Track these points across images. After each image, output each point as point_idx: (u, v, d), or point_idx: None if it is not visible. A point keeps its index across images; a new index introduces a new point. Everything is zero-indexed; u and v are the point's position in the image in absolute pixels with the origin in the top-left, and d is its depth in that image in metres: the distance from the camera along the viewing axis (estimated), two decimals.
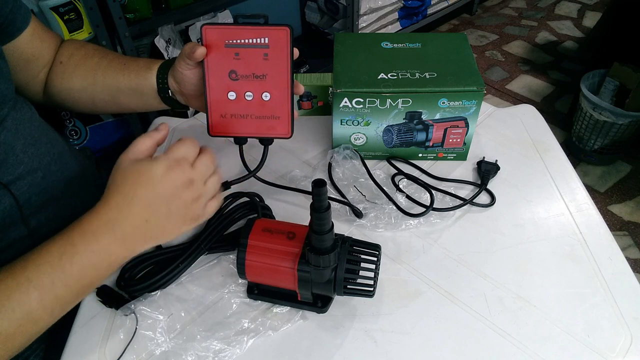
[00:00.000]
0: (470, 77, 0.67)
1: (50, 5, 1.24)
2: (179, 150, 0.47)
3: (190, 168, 0.48)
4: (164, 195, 0.46)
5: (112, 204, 0.45)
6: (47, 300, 0.42)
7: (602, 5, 2.84)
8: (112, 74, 0.62)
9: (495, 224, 0.65)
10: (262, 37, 0.51)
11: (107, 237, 0.44)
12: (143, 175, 0.45)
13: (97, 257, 0.44)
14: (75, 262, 0.43)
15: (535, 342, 0.52)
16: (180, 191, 0.47)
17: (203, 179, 0.49)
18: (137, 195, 0.45)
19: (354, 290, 0.52)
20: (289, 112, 0.54)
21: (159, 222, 0.47)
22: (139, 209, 0.45)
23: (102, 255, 0.45)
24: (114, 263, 0.46)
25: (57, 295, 0.43)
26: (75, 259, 0.43)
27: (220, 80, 0.53)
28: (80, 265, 0.43)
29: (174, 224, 0.48)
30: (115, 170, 0.46)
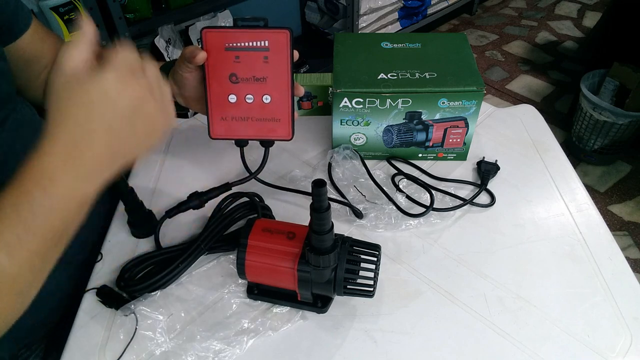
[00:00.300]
0: (470, 77, 0.67)
1: (50, 5, 1.24)
2: (125, 58, 0.40)
3: (144, 76, 0.41)
4: (124, 112, 0.40)
5: (65, 137, 0.38)
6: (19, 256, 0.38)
7: (602, 5, 2.84)
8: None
9: (495, 224, 0.65)
10: (262, 40, 0.51)
11: (67, 178, 0.38)
12: (94, 93, 0.38)
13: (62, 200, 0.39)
14: (36, 211, 0.37)
15: (535, 342, 0.52)
16: (141, 103, 0.41)
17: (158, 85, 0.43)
18: (93, 120, 0.38)
19: (354, 291, 0.52)
20: (289, 114, 0.54)
21: (124, 143, 0.41)
22: (99, 136, 0.39)
23: (67, 197, 0.39)
24: (84, 201, 0.40)
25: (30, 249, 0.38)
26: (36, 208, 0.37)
27: (220, 83, 0.53)
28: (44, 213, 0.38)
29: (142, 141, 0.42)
30: (55, 95, 0.38)
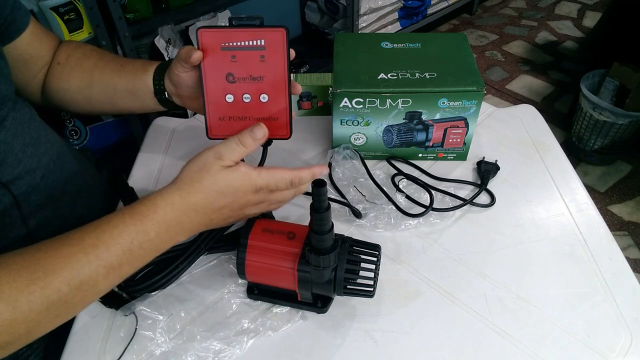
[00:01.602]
0: (470, 77, 0.67)
1: (50, 5, 1.24)
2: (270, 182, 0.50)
3: (269, 194, 0.51)
4: (236, 205, 0.50)
5: (192, 201, 0.48)
6: (112, 277, 0.45)
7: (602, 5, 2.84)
8: (109, 75, 0.62)
9: (495, 224, 0.65)
10: (258, 39, 0.51)
11: (176, 230, 0.48)
12: (230, 187, 0.48)
13: (163, 244, 0.48)
14: (144, 247, 0.46)
15: (535, 342, 0.52)
16: (249, 206, 0.51)
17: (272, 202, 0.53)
18: (218, 205, 0.49)
19: (354, 291, 0.52)
20: (287, 113, 0.54)
21: (218, 221, 0.51)
22: (212, 212, 0.49)
23: (167, 243, 0.48)
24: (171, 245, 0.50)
25: (121, 274, 0.46)
26: (145, 245, 0.46)
27: (217, 83, 0.53)
28: (148, 250, 0.47)
29: (227, 222, 0.53)
30: (204, 169, 0.48)
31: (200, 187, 0.48)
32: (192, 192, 0.47)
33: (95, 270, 0.43)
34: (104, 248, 0.44)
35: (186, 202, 0.47)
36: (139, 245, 0.45)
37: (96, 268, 0.43)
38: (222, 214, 0.50)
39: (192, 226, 0.49)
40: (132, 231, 0.45)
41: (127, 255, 0.45)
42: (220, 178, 0.48)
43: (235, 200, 0.49)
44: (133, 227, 0.45)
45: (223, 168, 0.48)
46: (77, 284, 0.42)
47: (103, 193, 0.69)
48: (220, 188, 0.48)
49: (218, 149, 0.48)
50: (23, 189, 0.53)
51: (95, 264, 0.43)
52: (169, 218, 0.47)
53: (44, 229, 0.57)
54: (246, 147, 0.49)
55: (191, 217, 0.48)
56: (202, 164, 0.48)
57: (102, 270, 0.44)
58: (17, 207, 0.53)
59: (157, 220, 0.46)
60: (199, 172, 0.48)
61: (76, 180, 0.62)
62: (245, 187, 0.49)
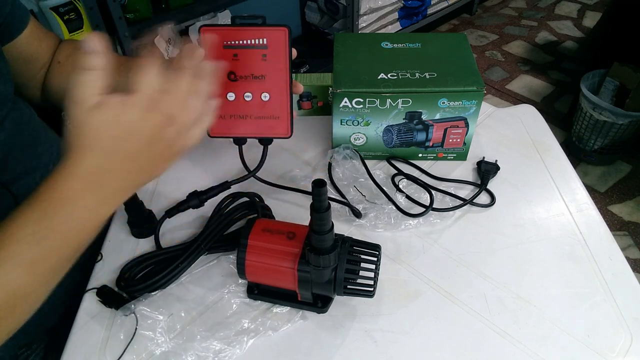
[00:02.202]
0: (470, 77, 0.67)
1: (50, 5, 1.24)
2: (149, 80, 0.39)
3: (167, 99, 0.40)
4: (145, 141, 0.40)
5: (92, 164, 0.39)
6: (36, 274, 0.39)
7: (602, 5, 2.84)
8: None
9: (495, 224, 0.65)
10: (260, 38, 0.51)
11: (88, 201, 0.40)
12: (120, 125, 0.39)
13: (81, 222, 0.40)
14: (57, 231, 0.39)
15: (535, 342, 0.52)
16: (160, 131, 0.41)
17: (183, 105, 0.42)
18: (118, 150, 0.40)
19: (354, 291, 0.52)
20: (288, 112, 0.54)
21: (143, 168, 0.42)
22: (121, 164, 0.40)
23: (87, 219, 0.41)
24: (101, 222, 0.42)
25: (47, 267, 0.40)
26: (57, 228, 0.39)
27: (219, 82, 0.53)
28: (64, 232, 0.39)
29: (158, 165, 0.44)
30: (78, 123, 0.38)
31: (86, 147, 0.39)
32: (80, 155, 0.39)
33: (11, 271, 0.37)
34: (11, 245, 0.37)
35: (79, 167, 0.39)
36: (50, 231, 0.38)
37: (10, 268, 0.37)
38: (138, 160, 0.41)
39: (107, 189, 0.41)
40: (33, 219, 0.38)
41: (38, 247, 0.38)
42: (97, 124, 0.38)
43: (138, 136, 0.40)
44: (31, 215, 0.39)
45: (90, 111, 0.38)
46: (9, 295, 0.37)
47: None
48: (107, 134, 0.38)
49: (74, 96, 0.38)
50: (23, 189, 0.53)
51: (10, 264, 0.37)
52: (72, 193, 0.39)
53: None
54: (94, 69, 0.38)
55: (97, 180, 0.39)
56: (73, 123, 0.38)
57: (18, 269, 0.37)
58: None
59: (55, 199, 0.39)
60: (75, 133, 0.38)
61: None
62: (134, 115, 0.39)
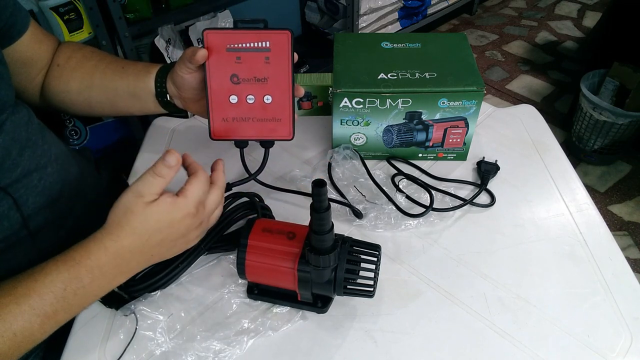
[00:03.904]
0: (470, 77, 0.67)
1: (50, 5, 1.23)
2: (196, 193, 0.48)
3: (203, 210, 0.50)
4: (175, 236, 0.49)
5: (125, 244, 0.46)
6: (47, 325, 0.44)
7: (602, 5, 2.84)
8: (110, 77, 0.62)
9: (495, 224, 0.65)
10: (263, 41, 0.51)
11: (113, 273, 0.47)
12: (163, 220, 0.47)
13: (100, 289, 0.47)
14: (79, 293, 0.45)
15: (535, 342, 0.52)
16: (189, 231, 0.50)
17: (212, 215, 0.52)
18: (153, 239, 0.47)
19: (354, 291, 0.52)
20: (290, 114, 0.55)
21: (162, 254, 0.50)
22: (150, 249, 0.48)
23: (105, 287, 0.48)
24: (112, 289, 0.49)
25: (57, 321, 0.45)
26: (80, 291, 0.45)
27: (222, 84, 0.53)
28: (83, 296, 0.45)
29: (174, 253, 0.52)
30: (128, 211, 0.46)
31: (129, 230, 0.46)
32: (123, 235, 0.46)
33: (29, 320, 0.42)
34: (36, 297, 0.42)
35: (119, 245, 0.46)
36: (73, 292, 0.44)
37: (29, 318, 0.42)
38: (162, 248, 0.49)
39: (131, 267, 0.48)
40: (64, 278, 0.44)
41: (61, 303, 0.44)
42: (148, 216, 0.46)
43: (172, 231, 0.48)
44: (66, 274, 0.44)
45: (147, 205, 0.46)
46: (10, 336, 0.41)
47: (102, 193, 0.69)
48: (152, 225, 0.46)
49: (136, 187, 0.46)
50: (22, 192, 0.53)
51: (28, 314, 0.42)
52: (102, 262, 0.45)
53: (44, 230, 0.56)
54: (164, 177, 0.46)
55: (127, 258, 0.47)
56: (125, 206, 0.46)
57: (37, 319, 0.42)
58: (17, 209, 0.53)
59: (90, 266, 0.45)
60: (124, 215, 0.46)
61: (75, 181, 0.62)
62: (178, 215, 0.47)
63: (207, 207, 0.50)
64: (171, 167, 0.46)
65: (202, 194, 0.49)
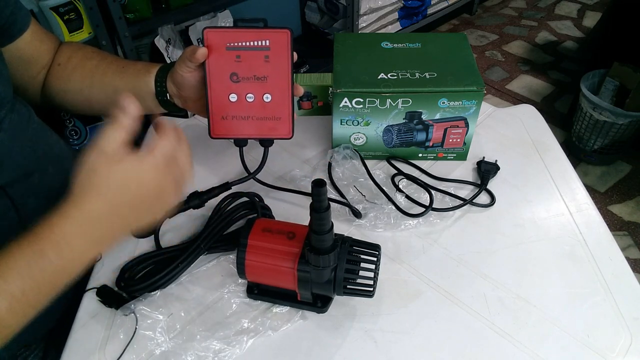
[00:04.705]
0: (470, 77, 0.67)
1: (50, 5, 1.24)
2: (166, 147, 0.44)
3: (175, 164, 0.46)
4: (149, 196, 0.44)
5: (91, 209, 0.42)
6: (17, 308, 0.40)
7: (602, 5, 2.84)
8: (110, 76, 0.62)
9: (495, 224, 0.65)
10: (263, 40, 0.51)
11: (82, 243, 0.42)
12: (131, 178, 0.42)
13: (71, 263, 0.42)
14: (46, 270, 0.41)
15: (535, 342, 0.52)
16: (164, 189, 0.45)
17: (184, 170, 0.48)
18: (121, 199, 0.42)
19: (354, 290, 0.52)
20: (289, 112, 0.55)
21: (139, 218, 0.45)
22: (121, 212, 0.43)
23: (77, 261, 0.43)
24: (86, 264, 0.44)
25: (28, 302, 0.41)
26: (47, 267, 0.41)
27: (221, 83, 0.53)
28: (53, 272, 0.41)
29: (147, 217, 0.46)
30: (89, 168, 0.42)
31: (94, 192, 0.41)
32: (87, 200, 0.41)
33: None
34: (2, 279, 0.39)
35: (84, 210, 0.41)
36: (40, 269, 0.40)
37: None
38: (134, 210, 0.44)
39: (103, 234, 0.43)
40: (27, 255, 0.40)
41: (28, 283, 0.40)
42: (112, 174, 0.42)
43: (142, 191, 0.43)
44: (28, 250, 0.40)
45: (110, 162, 0.42)
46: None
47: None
48: (117, 184, 0.42)
49: (98, 146, 0.42)
50: (20, 192, 0.53)
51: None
52: (68, 234, 0.41)
53: None
54: (124, 127, 0.42)
55: (95, 225, 0.42)
56: (87, 167, 0.42)
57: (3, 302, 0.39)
58: (15, 210, 0.53)
59: (55, 240, 0.40)
60: (87, 177, 0.41)
61: None
62: (145, 171, 0.43)
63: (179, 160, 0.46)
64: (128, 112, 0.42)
65: (171, 148, 0.45)
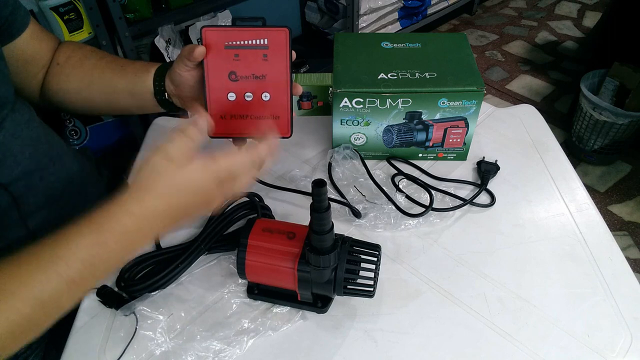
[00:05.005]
0: (470, 77, 0.67)
1: (50, 5, 1.24)
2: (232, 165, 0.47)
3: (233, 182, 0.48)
4: (198, 201, 0.47)
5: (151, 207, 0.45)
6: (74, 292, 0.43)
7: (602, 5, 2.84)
8: (109, 76, 0.62)
9: (495, 224, 0.65)
10: (261, 39, 0.51)
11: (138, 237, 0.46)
12: (190, 187, 0.46)
13: (127, 254, 0.46)
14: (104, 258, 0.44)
15: (535, 342, 0.52)
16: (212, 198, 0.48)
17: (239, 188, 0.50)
18: (178, 204, 0.46)
19: (354, 291, 0.52)
20: (288, 111, 0.55)
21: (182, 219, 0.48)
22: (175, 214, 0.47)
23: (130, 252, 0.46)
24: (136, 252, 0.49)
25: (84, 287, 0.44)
26: (105, 256, 0.44)
27: (220, 81, 0.53)
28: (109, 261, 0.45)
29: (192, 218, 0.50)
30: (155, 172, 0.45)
31: (155, 193, 0.45)
32: (148, 198, 0.45)
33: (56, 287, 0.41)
34: (62, 263, 0.42)
35: (144, 208, 0.44)
36: (99, 258, 0.43)
37: (57, 285, 0.41)
38: (186, 212, 0.48)
39: (154, 230, 0.47)
40: (89, 243, 0.43)
41: (88, 269, 0.43)
42: (178, 180, 0.45)
43: (199, 197, 0.47)
44: (90, 239, 0.43)
45: (177, 169, 0.45)
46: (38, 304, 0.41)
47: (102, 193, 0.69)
48: (179, 189, 0.45)
49: (165, 150, 0.45)
50: (22, 190, 0.53)
51: (55, 281, 0.41)
52: (128, 227, 0.44)
53: (44, 229, 0.56)
54: (193, 140, 0.46)
55: (152, 222, 0.45)
56: (153, 169, 0.45)
57: (64, 286, 0.42)
58: (17, 208, 0.53)
59: (116, 230, 0.44)
60: (151, 177, 0.45)
61: (75, 180, 0.62)
62: (206, 181, 0.46)
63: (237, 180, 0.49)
64: (202, 129, 0.46)
65: (235, 168, 0.48)
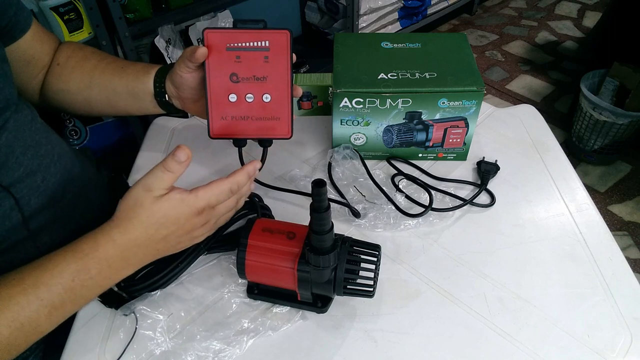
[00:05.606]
0: (470, 77, 0.67)
1: (50, 5, 1.24)
2: (207, 197, 0.49)
3: (211, 211, 0.50)
4: (179, 233, 0.49)
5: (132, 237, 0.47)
6: (54, 316, 0.45)
7: (602, 5, 2.84)
8: (109, 77, 0.62)
9: (495, 224, 0.65)
10: (263, 41, 0.52)
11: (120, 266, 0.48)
12: (170, 215, 0.47)
13: (108, 281, 0.48)
14: (86, 285, 0.46)
15: (535, 342, 0.52)
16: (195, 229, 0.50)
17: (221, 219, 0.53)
18: (160, 235, 0.48)
19: (354, 291, 0.52)
20: (289, 113, 0.55)
21: (167, 249, 0.51)
22: (155, 243, 0.49)
23: (112, 279, 0.49)
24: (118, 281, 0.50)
25: (64, 312, 0.46)
26: (87, 282, 0.46)
27: (221, 83, 0.53)
28: (91, 288, 0.47)
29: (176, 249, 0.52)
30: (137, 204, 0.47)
31: (137, 223, 0.47)
32: (131, 228, 0.47)
33: (36, 311, 0.43)
34: (44, 288, 0.43)
35: (127, 238, 0.47)
36: (81, 284, 0.45)
37: (37, 309, 0.43)
38: (167, 243, 0.49)
39: (137, 259, 0.49)
40: (73, 270, 0.44)
41: (68, 294, 0.44)
42: (155, 210, 0.47)
43: (178, 227, 0.48)
44: (74, 265, 0.45)
45: (156, 199, 0.46)
46: (17, 326, 0.42)
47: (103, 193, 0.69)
48: (158, 219, 0.47)
49: (145, 181, 0.47)
50: (24, 192, 0.53)
51: (35, 305, 0.43)
52: (110, 255, 0.46)
53: (45, 230, 0.57)
54: (173, 172, 0.46)
55: (134, 251, 0.48)
56: (134, 200, 0.47)
57: (44, 310, 0.43)
58: (19, 209, 0.53)
59: (98, 258, 0.46)
60: (133, 208, 0.47)
61: (77, 181, 0.62)
62: (184, 212, 0.48)
63: (216, 209, 0.50)
64: (181, 162, 0.46)
65: (215, 200, 0.49)
